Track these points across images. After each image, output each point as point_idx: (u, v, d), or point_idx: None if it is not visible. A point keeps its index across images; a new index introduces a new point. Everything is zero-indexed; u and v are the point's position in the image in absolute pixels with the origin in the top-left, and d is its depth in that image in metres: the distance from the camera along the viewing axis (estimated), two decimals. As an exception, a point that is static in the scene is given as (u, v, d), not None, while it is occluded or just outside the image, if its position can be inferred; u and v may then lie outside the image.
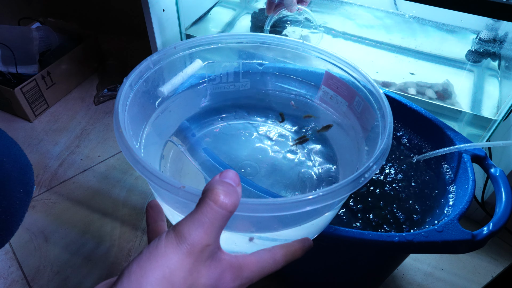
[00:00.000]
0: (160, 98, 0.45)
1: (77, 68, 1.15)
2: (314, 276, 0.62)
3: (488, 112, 0.73)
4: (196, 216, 0.24)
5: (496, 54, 0.80)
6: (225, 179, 0.25)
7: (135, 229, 0.80)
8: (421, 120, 0.59)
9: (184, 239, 0.23)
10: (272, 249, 0.30)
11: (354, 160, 0.45)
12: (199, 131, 0.50)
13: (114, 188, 0.88)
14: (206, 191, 0.25)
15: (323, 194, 0.29)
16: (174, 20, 0.86)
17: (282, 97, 0.53)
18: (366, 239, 0.43)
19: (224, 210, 0.24)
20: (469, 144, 0.52)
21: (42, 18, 1.21)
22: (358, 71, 0.43)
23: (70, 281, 0.72)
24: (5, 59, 0.99)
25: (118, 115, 0.35)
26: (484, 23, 0.76)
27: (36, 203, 0.85)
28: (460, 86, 0.79)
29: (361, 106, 0.44)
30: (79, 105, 1.11)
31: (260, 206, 0.27)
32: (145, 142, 0.42)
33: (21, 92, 0.98)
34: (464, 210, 0.46)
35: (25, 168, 0.39)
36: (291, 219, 0.33)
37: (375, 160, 0.32)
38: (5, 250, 0.77)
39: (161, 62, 0.43)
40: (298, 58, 0.49)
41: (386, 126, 0.37)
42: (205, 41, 0.46)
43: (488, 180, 0.72)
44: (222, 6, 1.01)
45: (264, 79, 0.53)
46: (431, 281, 0.73)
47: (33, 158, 0.95)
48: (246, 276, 0.27)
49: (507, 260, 0.77)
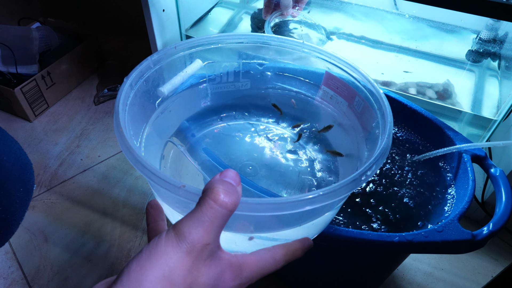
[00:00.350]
0: (160, 98, 0.45)
1: (77, 68, 1.15)
2: (314, 276, 0.62)
3: (488, 112, 0.73)
4: (196, 215, 0.24)
5: (496, 54, 0.80)
6: (226, 178, 0.25)
7: (135, 229, 0.80)
8: (421, 120, 0.59)
9: (184, 238, 0.23)
10: (272, 249, 0.30)
11: (354, 159, 0.45)
12: (199, 131, 0.50)
13: (114, 188, 0.88)
14: (207, 190, 0.25)
15: (323, 193, 0.29)
16: (174, 20, 0.86)
17: (283, 96, 0.53)
18: (366, 239, 0.43)
19: (224, 209, 0.24)
20: (469, 144, 0.52)
21: (42, 18, 1.21)
22: (358, 71, 0.43)
23: (70, 281, 0.72)
24: (5, 59, 0.99)
25: (118, 114, 0.35)
26: (484, 23, 0.76)
27: (36, 203, 0.85)
28: (460, 86, 0.79)
29: (361, 106, 0.44)
30: (79, 105, 1.11)
31: (260, 205, 0.27)
32: (146, 142, 0.42)
33: (21, 92, 0.98)
34: (464, 210, 0.46)
35: (25, 166, 0.39)
36: (291, 219, 0.33)
37: (375, 160, 0.32)
38: (5, 250, 0.77)
39: (161, 62, 0.43)
40: (298, 58, 0.49)
41: (386, 126, 0.37)
42: (205, 41, 0.46)
43: (488, 180, 0.72)
44: (222, 6, 1.01)
45: (264, 79, 0.53)
46: (431, 281, 0.73)
47: (33, 158, 0.95)
48: (246, 276, 0.27)
49: (507, 260, 0.77)
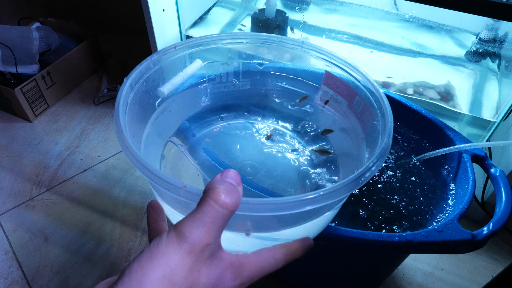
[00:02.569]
0: (160, 98, 0.45)
1: (77, 68, 1.15)
2: (314, 276, 0.62)
3: (487, 113, 0.73)
4: (197, 215, 0.24)
5: (496, 54, 0.80)
6: (226, 178, 0.25)
7: (135, 229, 0.80)
8: (421, 120, 0.59)
9: (185, 238, 0.24)
10: (273, 248, 0.30)
11: (354, 159, 0.45)
12: (199, 131, 0.50)
13: (114, 188, 0.88)
14: (207, 190, 0.25)
15: (324, 193, 0.29)
16: (174, 20, 0.86)
17: (283, 96, 0.53)
18: (366, 239, 0.43)
19: (225, 210, 0.24)
20: (469, 144, 0.52)
21: (42, 18, 1.21)
22: (358, 71, 0.43)
23: (70, 281, 0.72)
24: (5, 59, 0.99)
25: (118, 115, 0.35)
26: (484, 23, 0.76)
27: (36, 203, 0.85)
28: (459, 86, 0.79)
29: (361, 105, 0.44)
30: (79, 105, 1.11)
31: (260, 205, 0.27)
32: (146, 142, 0.42)
33: (21, 92, 0.98)
34: (464, 210, 0.46)
35: None
36: (291, 219, 0.33)
37: (375, 160, 0.32)
38: (5, 250, 0.77)
39: (161, 62, 0.43)
40: (298, 58, 0.49)
41: (386, 126, 0.37)
42: (204, 41, 0.46)
43: (488, 180, 0.72)
44: (222, 6, 1.01)
45: (264, 79, 0.53)
46: (431, 281, 0.73)
47: (33, 158, 0.95)
48: (246, 275, 0.27)
49: (507, 260, 0.77)
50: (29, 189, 0.88)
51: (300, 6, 0.93)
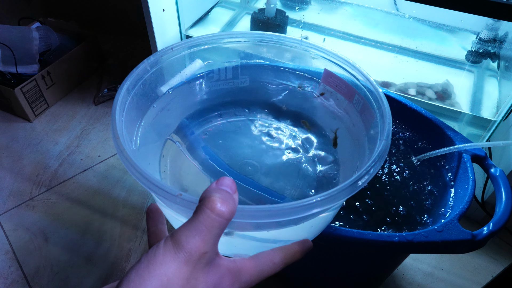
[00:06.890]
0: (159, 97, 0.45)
1: (77, 68, 1.15)
2: (314, 276, 0.62)
3: (487, 113, 0.73)
4: (193, 224, 0.24)
5: (496, 54, 0.80)
6: (222, 186, 0.25)
7: (135, 229, 0.80)
8: (421, 120, 0.59)
9: (181, 247, 0.24)
10: (271, 252, 0.30)
11: (355, 157, 0.45)
12: (198, 129, 0.50)
13: (114, 188, 0.88)
14: (203, 199, 0.25)
15: (321, 199, 0.28)
16: (174, 20, 0.86)
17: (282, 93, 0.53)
18: (366, 239, 0.43)
19: (221, 218, 0.24)
20: (469, 144, 0.52)
21: (42, 18, 1.21)
22: (357, 69, 0.43)
23: (70, 281, 0.72)
24: (5, 59, 0.99)
25: (115, 122, 0.34)
26: (484, 23, 0.76)
27: (36, 203, 0.85)
28: (460, 86, 0.79)
29: (361, 104, 0.44)
30: (79, 105, 1.11)
31: (257, 212, 0.27)
32: (145, 142, 0.42)
33: (21, 92, 0.98)
34: (464, 210, 0.46)
35: None
36: (289, 221, 0.33)
37: (373, 163, 0.32)
38: (5, 250, 0.77)
39: (158, 64, 0.42)
40: (297, 56, 0.49)
41: (385, 126, 0.37)
42: (202, 40, 0.45)
43: (488, 180, 0.72)
44: (222, 6, 1.01)
45: (263, 76, 0.52)
46: (431, 281, 0.73)
47: (33, 158, 0.95)
48: (244, 280, 0.27)
49: (507, 260, 0.77)
50: (29, 189, 0.88)
51: (300, 6, 0.93)
